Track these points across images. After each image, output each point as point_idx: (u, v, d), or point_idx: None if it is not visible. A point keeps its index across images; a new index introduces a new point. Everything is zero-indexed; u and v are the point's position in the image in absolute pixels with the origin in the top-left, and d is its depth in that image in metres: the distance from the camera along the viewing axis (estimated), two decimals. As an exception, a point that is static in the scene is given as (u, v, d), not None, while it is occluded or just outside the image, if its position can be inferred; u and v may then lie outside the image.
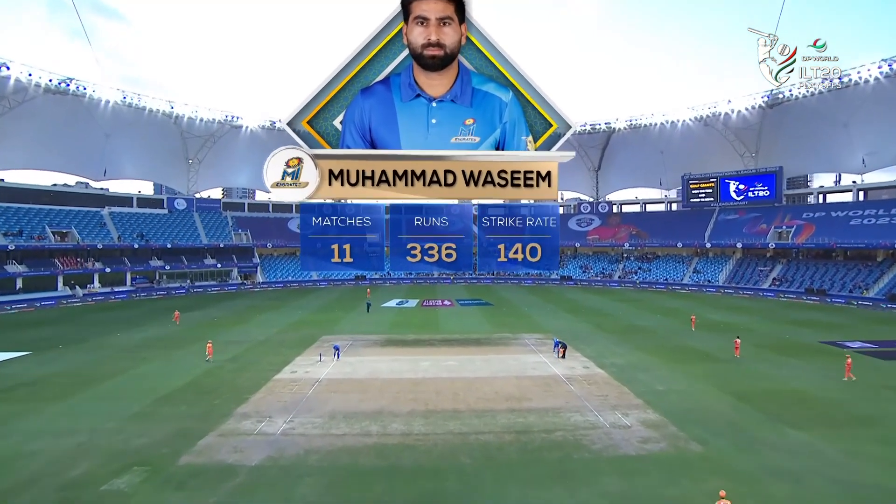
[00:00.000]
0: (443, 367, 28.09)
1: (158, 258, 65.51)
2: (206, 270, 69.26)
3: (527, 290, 70.05)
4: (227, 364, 28.67)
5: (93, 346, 33.17)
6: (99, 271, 59.30)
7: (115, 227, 65.06)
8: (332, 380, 25.74)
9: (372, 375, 26.49)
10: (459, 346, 33.57)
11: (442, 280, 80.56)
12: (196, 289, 65.19)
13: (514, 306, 53.20)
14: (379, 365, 28.54)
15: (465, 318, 45.26)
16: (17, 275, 53.08)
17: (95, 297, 56.23)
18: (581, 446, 17.52)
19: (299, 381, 25.32)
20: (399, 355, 30.89)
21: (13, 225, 56.90)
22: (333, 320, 44.06)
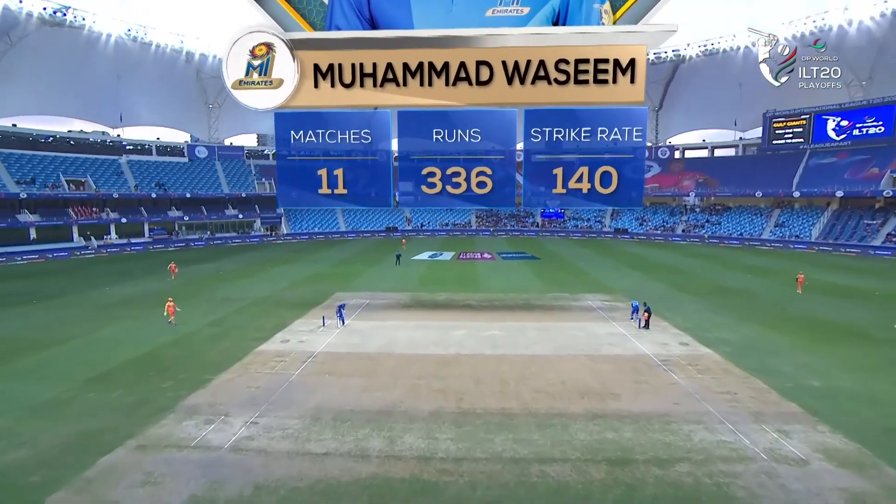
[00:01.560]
0: (483, 340, 20.38)
1: (177, 208, 60.42)
2: (227, 221, 63.89)
3: (576, 243, 60.85)
4: (205, 329, 22.11)
5: (67, 303, 27.53)
6: (115, 221, 54.73)
7: (133, 175, 60.04)
8: (330, 354, 18.60)
9: (385, 349, 19.13)
10: (505, 310, 25.69)
11: (481, 231, 72.26)
12: (216, 241, 60.04)
13: (565, 261, 44.54)
14: (398, 333, 21.16)
15: (509, 274, 37.21)
16: (30, 224, 48.96)
17: (110, 248, 51.81)
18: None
19: (287, 356, 18.31)
20: (426, 320, 23.40)
21: (27, 173, 52.54)
22: (353, 274, 37.07)
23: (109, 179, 57.68)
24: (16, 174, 51.72)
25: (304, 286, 32.62)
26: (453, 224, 74.63)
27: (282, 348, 19.28)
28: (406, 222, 74.43)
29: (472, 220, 75.69)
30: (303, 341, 20.21)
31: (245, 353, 18.71)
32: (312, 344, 19.81)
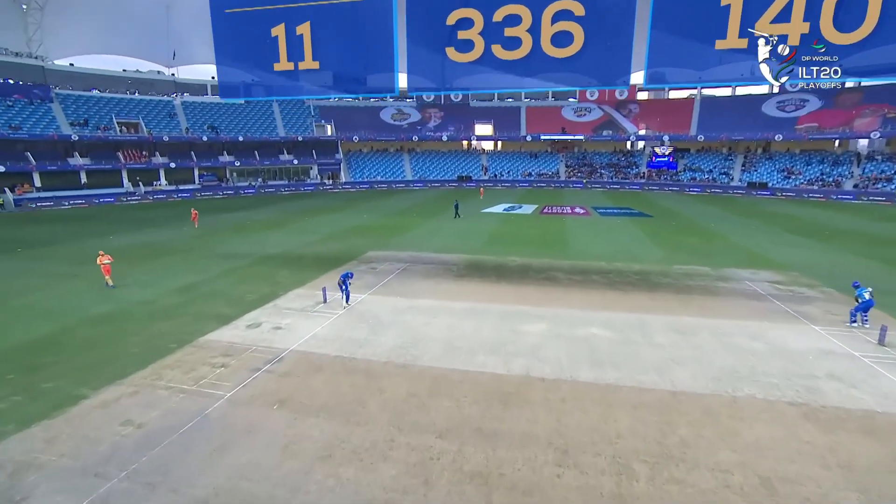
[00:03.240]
0: (577, 346, 11.86)
1: (229, 153, 56.96)
2: (280, 167, 59.62)
3: (696, 199, 48.22)
4: (163, 297, 15.94)
5: (50, 253, 23.29)
6: (164, 166, 52.38)
7: (186, 117, 57.25)
8: (307, 356, 11.28)
9: (400, 355, 11.41)
10: (609, 289, 16.69)
11: (571, 183, 61.32)
12: (267, 188, 56.06)
13: (688, 220, 33.46)
14: (432, 323, 13.35)
15: (612, 234, 27.55)
16: (80, 167, 47.77)
17: (157, 195, 49.55)
18: None
19: (239, 355, 11.34)
20: (483, 300, 15.27)
21: (81, 114, 51.30)
22: (402, 228, 29.74)
23: (162, 122, 55.25)
24: (71, 115, 50.57)
25: (336, 240, 25.92)
26: (538, 174, 64.27)
27: (241, 338, 12.37)
28: (482, 171, 65.50)
29: (560, 170, 64.74)
30: (279, 328, 13.16)
31: (183, 342, 12.08)
32: (290, 333, 12.69)
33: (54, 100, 50.47)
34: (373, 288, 16.94)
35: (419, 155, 68.34)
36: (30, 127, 46.50)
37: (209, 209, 40.90)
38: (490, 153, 69.83)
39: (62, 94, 51.77)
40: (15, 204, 41.37)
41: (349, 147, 66.85)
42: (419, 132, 67.63)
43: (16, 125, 45.74)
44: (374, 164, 65.63)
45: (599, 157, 66.25)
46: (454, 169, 65.87)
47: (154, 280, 17.98)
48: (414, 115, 70.29)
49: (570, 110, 69.86)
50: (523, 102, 71.97)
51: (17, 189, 43.03)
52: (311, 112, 65.33)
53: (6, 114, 46.55)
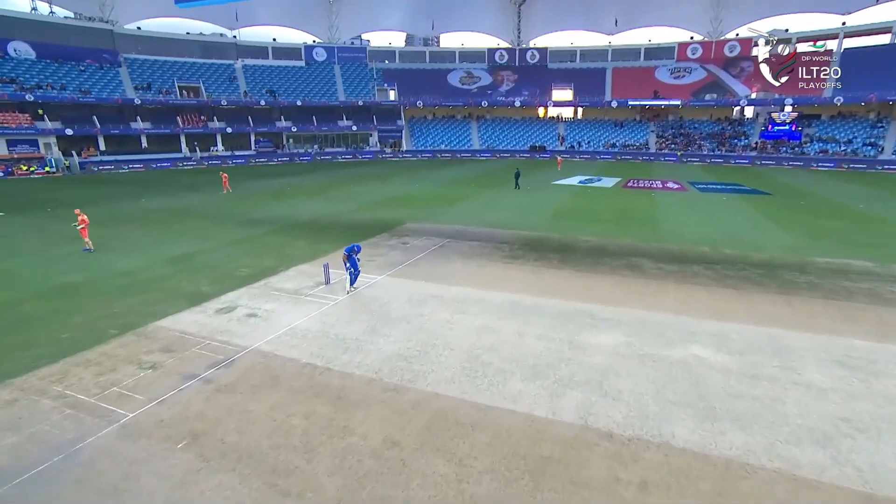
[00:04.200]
0: (675, 376, 7.78)
1: (286, 118, 56.18)
2: (339, 134, 58.03)
3: (831, 176, 39.89)
4: (153, 266, 13.87)
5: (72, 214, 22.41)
6: (220, 131, 52.62)
7: (245, 81, 57.14)
8: (268, 361, 8.24)
9: (395, 369, 8.03)
10: (718, 284, 12.08)
11: (664, 156, 54.10)
12: (324, 156, 54.74)
13: (826, 200, 26.74)
14: (460, 319, 9.87)
15: (717, 213, 22.15)
16: (141, 131, 49.05)
17: (213, 160, 49.85)
18: None
19: (187, 349, 8.63)
20: (533, 292, 11.45)
21: (146, 78, 52.63)
22: (455, 198, 26.30)
23: (221, 86, 55.46)
24: (136, 79, 51.99)
25: (375, 210, 23.15)
26: (622, 146, 57.50)
27: (200, 326, 9.66)
28: (558, 140, 59.87)
29: (649, 141, 57.44)
30: (255, 315, 10.30)
31: (129, 328, 9.63)
32: (264, 324, 9.79)
33: (122, 64, 52.08)
34: (395, 267, 13.69)
35: (488, 122, 63.90)
36: (98, 91, 48.18)
37: (256, 175, 40.00)
38: (568, 122, 63.70)
39: (130, 58, 53.34)
40: (80, 167, 43.05)
41: (412, 113, 63.85)
42: (489, 97, 63.00)
43: (85, 89, 47.55)
44: (439, 132, 62.26)
45: (699, 125, 57.87)
46: (526, 138, 60.82)
47: (152, 247, 16.13)
48: (484, 77, 65.66)
49: (666, 71, 61.58)
50: (609, 63, 64.61)
51: (84, 152, 44.81)
52: (373, 75, 62.95)
53: (78, 78, 48.54)
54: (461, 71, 66.70)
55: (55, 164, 41.58)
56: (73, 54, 49.76)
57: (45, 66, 48.00)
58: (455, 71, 66.63)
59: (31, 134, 43.13)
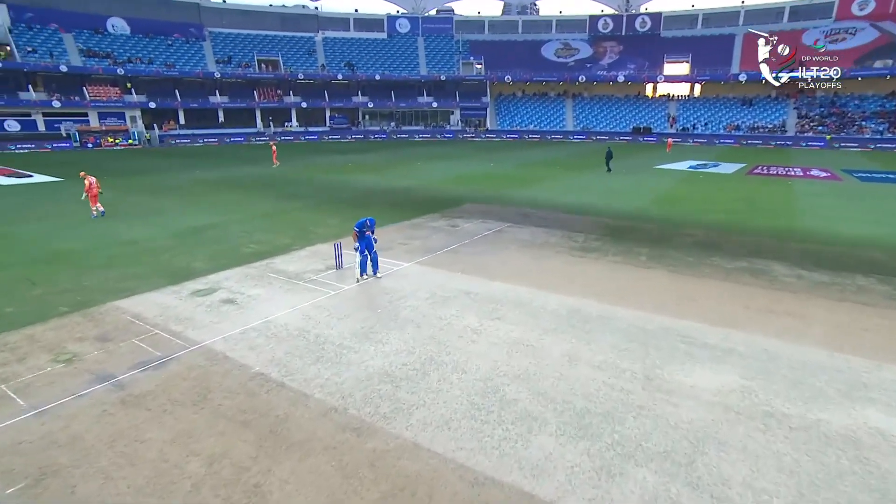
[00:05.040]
0: (833, 461, 4.70)
1: (363, 93, 56.06)
2: (418, 111, 56.91)
3: None
4: (153, 240, 12.94)
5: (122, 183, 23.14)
6: (295, 106, 53.70)
7: (325, 54, 57.88)
8: (212, 364, 6.40)
9: (371, 396, 5.77)
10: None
11: (806, 141, 46.45)
12: (400, 134, 53.89)
13: None
14: (488, 328, 7.44)
15: (888, 209, 17.23)
16: (218, 105, 51.44)
17: (285, 136, 50.90)
18: None
19: (119, 342, 7.10)
20: (603, 296, 8.65)
21: (227, 52, 55.13)
22: (532, 180, 23.80)
23: (300, 59, 56.62)
24: (218, 53, 54.62)
25: (434, 188, 21.44)
26: (749, 128, 50.38)
27: (158, 311, 8.18)
28: (667, 122, 53.97)
29: (787, 122, 49.71)
30: (233, 301, 8.67)
31: (83, 306, 8.46)
32: (236, 314, 8.13)
33: (206, 38, 54.93)
34: (430, 254, 11.48)
35: (585, 101, 59.35)
36: (181, 65, 51.16)
37: (321, 150, 40.05)
38: (681, 100, 57.19)
39: (214, 31, 56.13)
40: (159, 140, 45.88)
41: (500, 89, 61.03)
42: (588, 71, 58.37)
43: (170, 63, 50.68)
44: (528, 111, 58.95)
45: (861, 102, 48.91)
46: (629, 118, 55.58)
47: (172, 217, 15.55)
48: (584, 49, 61.04)
49: (818, 34, 52.75)
50: (740, 28, 56.79)
51: (164, 125, 47.76)
52: (458, 48, 61.01)
53: (165, 52, 51.89)
54: (557, 42, 62.57)
55: (137, 137, 44.61)
56: (162, 29, 53.26)
57: (138, 40, 51.82)
58: (550, 42, 62.64)
59: (119, 107, 46.67)
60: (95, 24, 50.91)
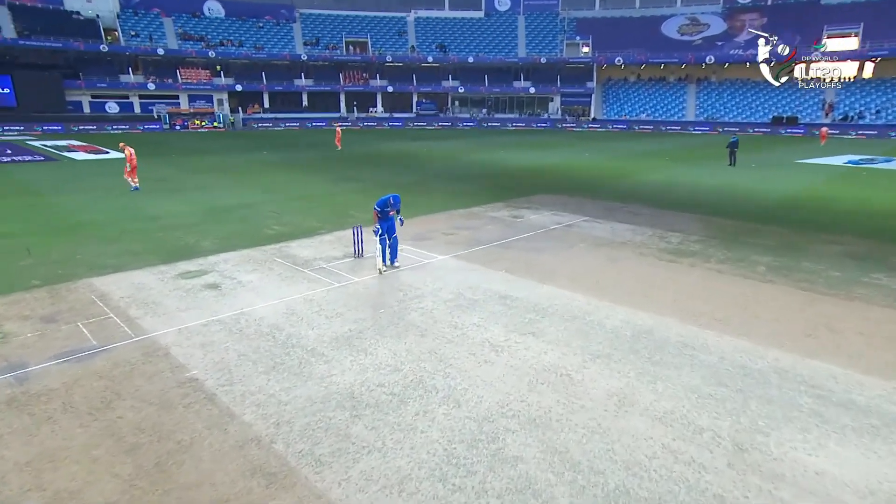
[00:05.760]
0: None
1: (454, 77, 55.34)
2: (513, 97, 55.16)
3: None
4: (178, 216, 12.89)
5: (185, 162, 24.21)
6: (381, 90, 54.30)
7: (416, 34, 58.02)
8: (146, 363, 5.43)
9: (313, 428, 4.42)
10: None
11: None
12: (491, 122, 52.40)
13: None
14: (518, 350, 5.86)
15: None
16: (303, 89, 53.39)
17: (368, 122, 51.54)
18: None
19: (60, 326, 6.47)
20: (686, 317, 6.65)
21: (315, 33, 57.16)
22: (627, 172, 21.56)
23: (390, 40, 57.26)
24: (307, 34, 56.79)
25: (507, 176, 20.02)
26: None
27: (134, 290, 7.61)
28: (822, 110, 47.42)
29: None
30: (219, 285, 7.93)
31: (61, 280, 8.17)
32: (218, 301, 7.37)
33: (297, 19, 57.35)
34: (475, 247, 10.01)
35: (712, 86, 54.11)
36: (270, 47, 53.80)
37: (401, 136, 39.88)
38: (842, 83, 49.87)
39: (305, 13, 58.45)
40: (243, 123, 48.49)
41: (609, 73, 57.48)
42: (719, 51, 53.04)
43: (259, 45, 53.52)
44: (641, 98, 54.95)
45: None
46: (768, 107, 49.71)
47: (208, 195, 15.90)
48: (715, 24, 55.69)
49: None
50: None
51: (249, 108, 50.45)
52: (563, 27, 58.40)
53: (255, 34, 54.92)
54: (682, 17, 57.70)
55: (222, 120, 47.48)
56: (255, 11, 56.41)
57: (231, 23, 55.32)
58: (673, 18, 57.93)
59: (208, 89, 50.03)
60: (193, 8, 55.12)
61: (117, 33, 51.08)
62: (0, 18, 46.65)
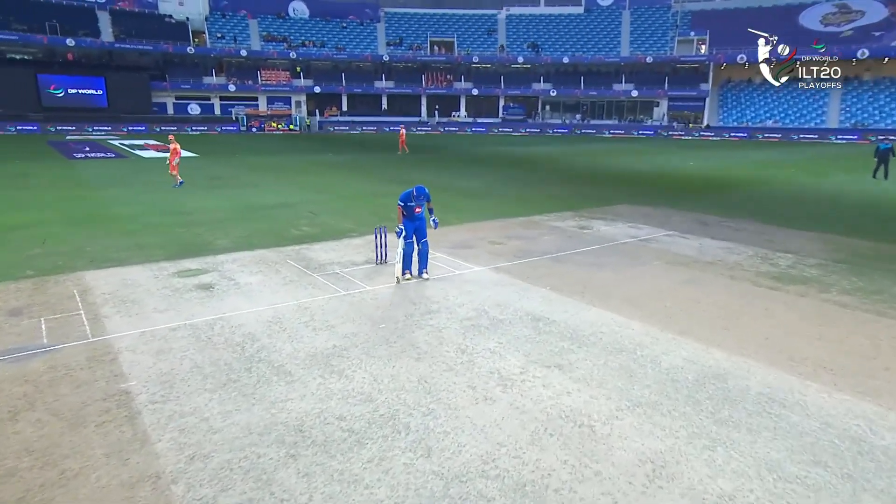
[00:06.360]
0: None
1: (546, 79, 54.25)
2: (612, 101, 53.06)
3: None
4: (212, 212, 13.29)
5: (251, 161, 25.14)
6: (465, 93, 54.32)
7: (506, 33, 57.75)
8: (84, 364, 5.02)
9: (224, 470, 3.68)
10: None
11: None
12: (586, 129, 50.62)
13: None
14: (533, 388, 4.84)
15: None
16: (383, 91, 54.58)
17: (449, 127, 51.63)
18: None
19: (21, 321, 6.27)
20: (796, 369, 5.28)
21: (399, 33, 58.51)
22: (739, 181, 19.86)
23: (478, 40, 57.37)
24: (390, 34, 58.28)
25: (582, 183, 18.81)
26: None
27: (118, 287, 7.47)
28: None
29: None
30: (212, 286, 7.56)
31: (59, 270, 8.25)
32: (203, 304, 6.98)
33: (381, 19, 59.06)
34: (521, 259, 9.10)
35: (863, 86, 49.08)
36: (352, 48, 55.70)
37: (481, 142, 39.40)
38: None
39: (389, 12, 60.11)
40: (318, 126, 50.34)
41: (728, 74, 53.94)
42: (876, 42, 48.14)
43: (341, 46, 55.58)
44: (767, 101, 50.96)
45: None
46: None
47: (252, 193, 16.45)
48: (872, 11, 50.74)
49: None
50: None
51: (326, 111, 52.33)
52: (675, 21, 55.70)
53: (338, 35, 57.16)
54: (828, 4, 53.13)
55: (298, 123, 49.58)
56: (339, 11, 58.80)
57: (314, 23, 58.00)
58: (816, 6, 53.52)
59: (287, 91, 52.56)
60: (279, 9, 58.45)
61: (205, 35, 55.14)
62: (101, 23, 51.96)
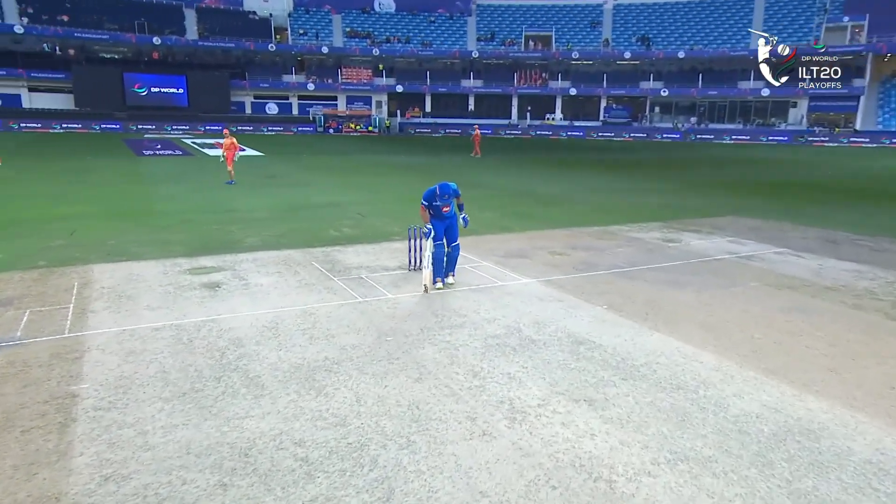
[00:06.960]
0: None
1: (656, 77, 52.28)
2: (735, 101, 50.11)
3: None
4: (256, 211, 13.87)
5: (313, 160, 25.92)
6: (561, 93, 53.43)
7: (612, 25, 56.42)
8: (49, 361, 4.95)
9: None
10: None
11: None
12: (702, 134, 48.12)
13: None
14: (553, 421, 4.20)
15: None
16: (470, 90, 54.90)
17: (541, 130, 50.87)
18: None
19: (8, 310, 6.43)
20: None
21: (492, 27, 58.71)
22: (879, 194, 17.64)
23: (579, 33, 56.45)
24: (482, 29, 58.57)
25: (692, 191, 17.93)
26: None
27: (121, 282, 7.64)
28: None
29: None
30: (219, 286, 7.55)
31: (70, 262, 8.68)
32: (203, 304, 6.95)
33: (472, 12, 59.53)
34: (581, 273, 8.43)
35: None
36: (439, 44, 56.46)
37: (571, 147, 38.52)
38: None
39: (482, 4, 60.47)
40: (399, 128, 51.25)
41: (892, 67, 49.46)
42: None
43: (427, 42, 56.49)
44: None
45: None
46: None
47: (303, 192, 17.32)
48: None
49: None
50: None
51: (408, 112, 53.24)
52: (823, 5, 51.95)
53: (425, 30, 58.21)
54: None
55: (377, 124, 50.74)
56: (427, 4, 59.85)
57: (401, 18, 59.42)
58: None
59: (367, 90, 54.03)
60: (364, 4, 60.39)
61: (287, 32, 57.93)
62: (187, 21, 55.95)
